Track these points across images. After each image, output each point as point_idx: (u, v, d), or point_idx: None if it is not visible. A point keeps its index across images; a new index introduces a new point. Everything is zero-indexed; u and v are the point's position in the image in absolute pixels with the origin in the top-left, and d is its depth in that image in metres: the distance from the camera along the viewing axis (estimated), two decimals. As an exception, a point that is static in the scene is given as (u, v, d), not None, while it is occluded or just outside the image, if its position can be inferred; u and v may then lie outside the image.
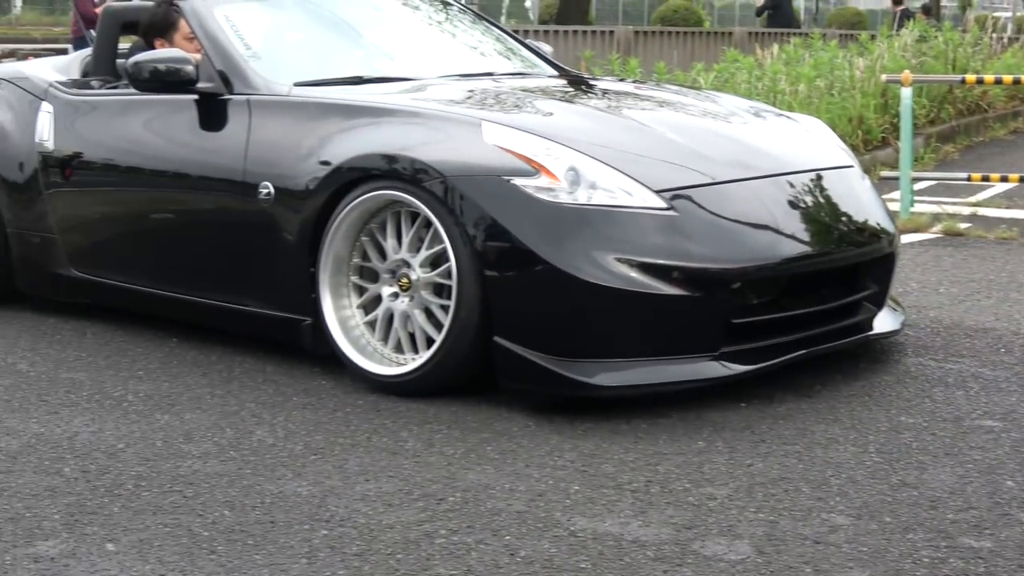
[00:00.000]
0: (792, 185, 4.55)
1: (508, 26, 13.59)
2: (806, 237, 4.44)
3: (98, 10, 14.96)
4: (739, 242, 4.24)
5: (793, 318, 4.39)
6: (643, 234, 4.12)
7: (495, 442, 3.86)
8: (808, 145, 4.96)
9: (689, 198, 4.24)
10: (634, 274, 4.04)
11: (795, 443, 3.81)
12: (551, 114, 4.71)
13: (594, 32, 18.99)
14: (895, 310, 4.93)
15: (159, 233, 5.18)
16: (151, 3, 5.82)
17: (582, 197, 4.11)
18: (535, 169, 4.14)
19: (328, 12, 5.78)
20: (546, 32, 18.05)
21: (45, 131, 5.54)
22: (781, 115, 5.39)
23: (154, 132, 5.22)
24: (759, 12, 22.33)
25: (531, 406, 4.15)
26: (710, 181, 4.34)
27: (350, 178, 4.43)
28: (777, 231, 4.35)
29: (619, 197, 4.15)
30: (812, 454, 3.72)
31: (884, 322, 4.76)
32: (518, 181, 4.12)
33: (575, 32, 18.56)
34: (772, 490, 3.44)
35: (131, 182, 5.26)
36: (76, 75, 5.87)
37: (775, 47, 13.31)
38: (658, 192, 4.19)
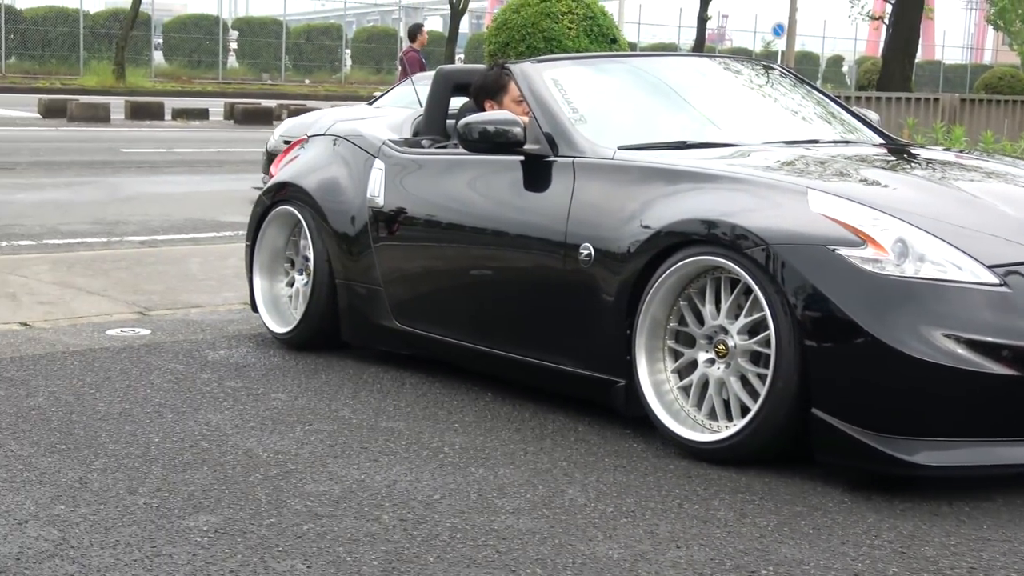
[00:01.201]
0: None
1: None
2: None
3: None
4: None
5: None
6: (973, 310, 3.98)
7: (809, 516, 3.77)
8: None
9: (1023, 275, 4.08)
10: (962, 351, 3.90)
11: None
12: (878, 183, 4.61)
13: (917, 99, 18.55)
14: None
15: (478, 289, 5.29)
16: (483, 66, 5.97)
17: (909, 270, 4.00)
18: (862, 240, 4.06)
19: (653, 77, 5.82)
20: (867, 99, 17.73)
21: (376, 187, 5.75)
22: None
23: (477, 191, 5.35)
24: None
25: (847, 481, 4.05)
26: None
27: (670, 242, 4.44)
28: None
29: (948, 271, 4.02)
30: None
31: None
32: (844, 251, 4.05)
33: (897, 99, 18.17)
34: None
35: (453, 238, 5.40)
36: (408, 134, 6.09)
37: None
38: (990, 267, 4.05)
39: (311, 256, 5.98)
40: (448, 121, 6.06)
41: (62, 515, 3.66)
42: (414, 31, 22.14)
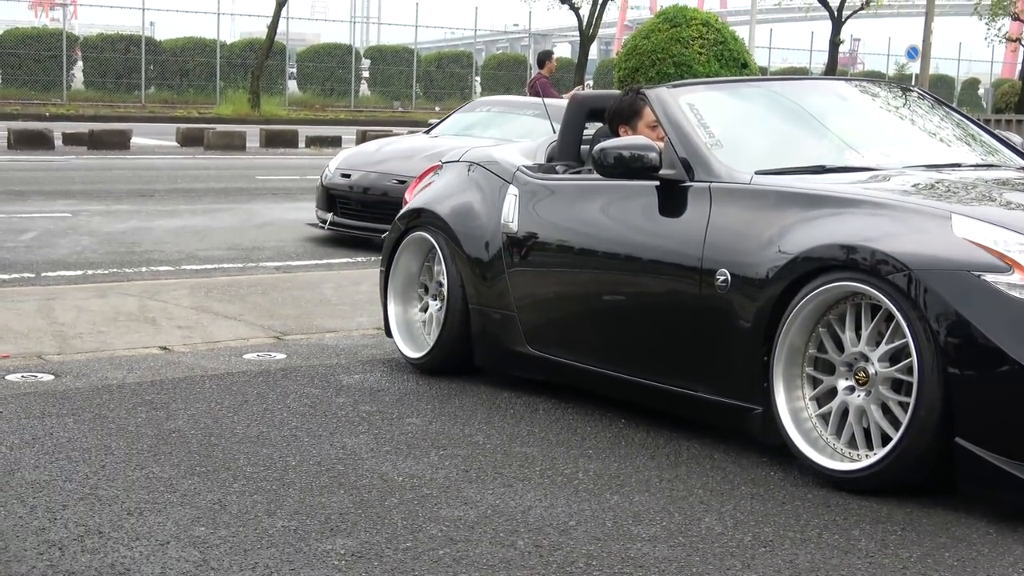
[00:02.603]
0: None
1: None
2: None
3: (566, 96, 15.66)
4: None
5: None
6: None
7: (953, 548, 3.69)
8: None
9: None
10: (1111, 380, 3.79)
11: None
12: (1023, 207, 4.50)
13: (1057, 122, 18.17)
14: None
15: (611, 315, 5.26)
16: (618, 91, 5.95)
17: None
18: (1008, 265, 3.97)
19: (789, 101, 5.76)
20: (1007, 121, 17.39)
21: (510, 213, 5.76)
22: None
23: (610, 216, 5.32)
24: None
25: (992, 512, 3.95)
26: None
27: (809, 268, 4.38)
28: None
29: None
30: None
31: None
32: (989, 277, 3.96)
33: (1036, 121, 17.81)
34: None
35: (586, 264, 5.39)
36: (542, 160, 6.10)
37: None
38: None
39: (445, 281, 6.01)
40: (583, 147, 6.06)
41: (202, 536, 3.71)
42: (543, 58, 22.22)
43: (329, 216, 11.96)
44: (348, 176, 12.05)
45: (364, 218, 11.73)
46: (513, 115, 13.41)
